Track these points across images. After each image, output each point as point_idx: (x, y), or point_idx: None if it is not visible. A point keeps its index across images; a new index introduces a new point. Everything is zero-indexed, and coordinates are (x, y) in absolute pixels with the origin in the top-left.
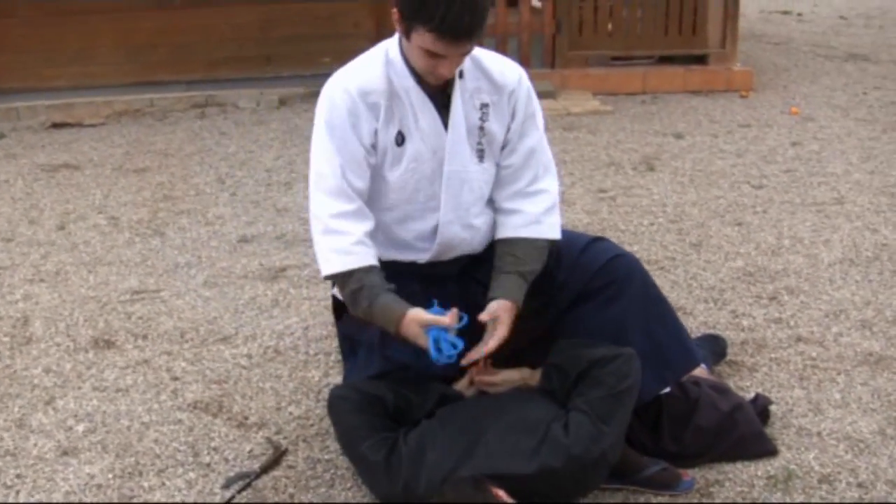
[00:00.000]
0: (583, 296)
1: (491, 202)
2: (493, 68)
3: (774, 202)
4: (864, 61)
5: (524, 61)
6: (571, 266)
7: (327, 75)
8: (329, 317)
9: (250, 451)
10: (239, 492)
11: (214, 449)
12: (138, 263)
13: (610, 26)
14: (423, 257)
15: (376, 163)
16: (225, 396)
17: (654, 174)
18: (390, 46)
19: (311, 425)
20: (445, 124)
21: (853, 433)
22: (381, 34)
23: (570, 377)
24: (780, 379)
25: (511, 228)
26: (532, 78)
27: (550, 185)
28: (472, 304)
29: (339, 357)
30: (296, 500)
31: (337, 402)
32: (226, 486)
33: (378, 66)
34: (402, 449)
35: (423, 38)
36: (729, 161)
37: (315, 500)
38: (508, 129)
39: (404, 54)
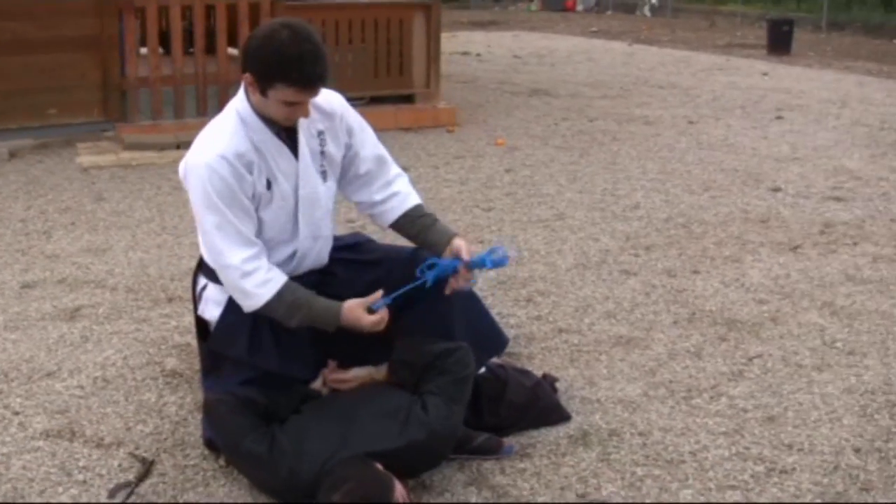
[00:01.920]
0: (415, 297)
1: (359, 205)
2: (318, 100)
3: (505, 221)
4: (546, 95)
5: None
6: (403, 272)
7: (54, 126)
8: (141, 347)
9: (119, 466)
10: (127, 497)
11: (84, 468)
12: None
13: None
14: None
15: (254, 207)
16: (73, 423)
17: None
18: (238, 107)
19: (165, 439)
20: (297, 159)
21: (624, 397)
22: (107, 84)
23: (416, 369)
24: (555, 363)
25: (398, 207)
26: None
27: (399, 168)
28: None
29: (169, 380)
30: (179, 500)
31: (215, 407)
32: (111, 496)
33: (237, 128)
34: (281, 440)
35: (282, 93)
36: (455, 188)
37: (199, 500)
38: (348, 148)
39: (256, 109)
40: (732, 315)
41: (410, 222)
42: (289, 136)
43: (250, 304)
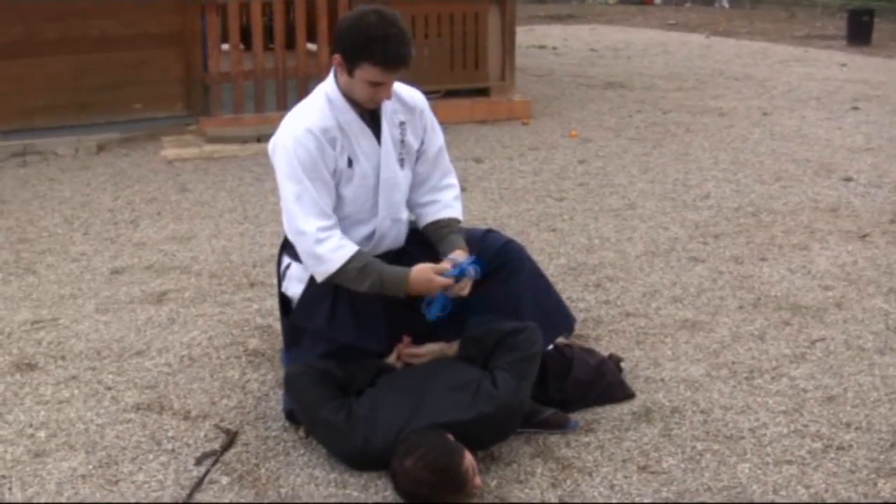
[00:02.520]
0: (486, 275)
1: (409, 202)
2: (402, 93)
3: (577, 210)
4: (621, 88)
5: None
6: (476, 252)
7: (140, 120)
8: (225, 328)
9: (205, 436)
10: (212, 465)
11: (172, 438)
12: (23, 298)
13: None
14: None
15: (334, 184)
16: (161, 398)
17: (467, 194)
18: (327, 89)
19: (248, 412)
20: (379, 143)
21: (687, 377)
22: (190, 79)
23: (486, 346)
24: (621, 344)
25: (433, 214)
26: None
27: (454, 180)
28: None
29: (252, 359)
30: (261, 469)
31: (295, 378)
32: (198, 464)
33: (324, 107)
34: (357, 411)
35: (367, 72)
36: (529, 179)
37: (279, 468)
38: (422, 142)
39: (343, 91)
40: (797, 300)
41: (433, 231)
42: (373, 119)
43: (323, 269)
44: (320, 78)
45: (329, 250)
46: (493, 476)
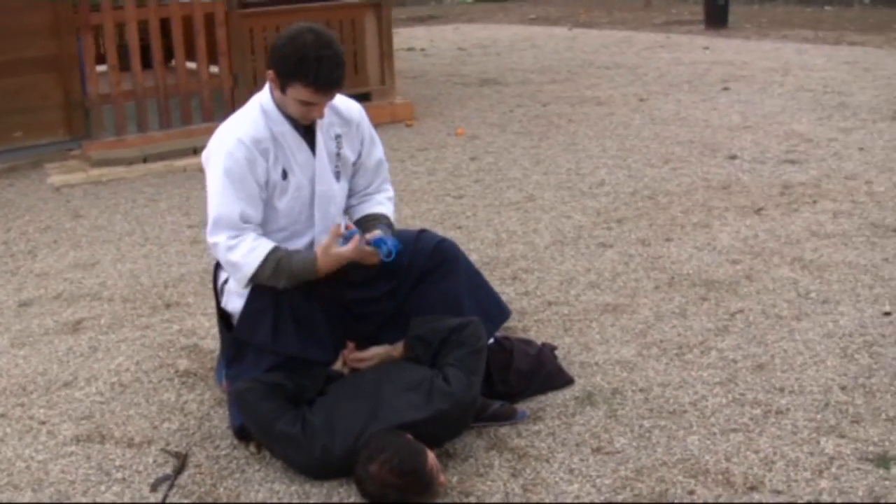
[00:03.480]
0: (423, 275)
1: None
2: (339, 105)
3: (478, 207)
4: (496, 84)
5: (207, 116)
6: (411, 252)
7: (21, 149)
8: (150, 351)
9: (154, 461)
10: (169, 490)
11: (121, 466)
12: None
13: None
14: None
15: (267, 196)
16: (100, 427)
17: None
18: (262, 100)
19: (193, 434)
20: (314, 156)
21: (620, 359)
22: (70, 103)
23: (432, 344)
24: (550, 333)
25: (363, 210)
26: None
27: (390, 188)
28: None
29: (185, 380)
30: (219, 489)
31: (245, 394)
32: (153, 490)
33: (258, 117)
34: (312, 420)
35: (299, 91)
36: (424, 179)
37: (237, 486)
38: (359, 154)
39: (277, 104)
40: (709, 276)
41: (363, 223)
42: (308, 131)
43: (241, 275)
44: (202, 96)
45: (242, 255)
46: (453, 472)
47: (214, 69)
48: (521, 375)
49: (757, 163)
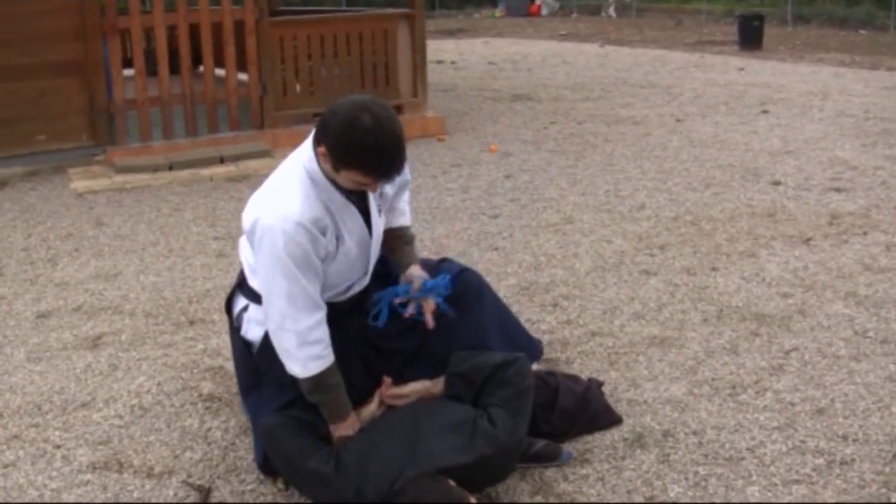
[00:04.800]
0: (445, 312)
1: None
2: None
3: (515, 227)
4: (528, 100)
5: (234, 125)
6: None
7: (44, 153)
8: (172, 372)
9: (175, 495)
10: None
11: (139, 499)
12: None
13: (311, 86)
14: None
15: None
16: (118, 454)
17: None
18: (307, 167)
19: (217, 465)
20: (360, 209)
21: (670, 397)
22: (94, 108)
23: (474, 382)
24: (594, 366)
25: (387, 222)
26: (244, 141)
27: (408, 175)
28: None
29: (208, 405)
30: None
31: (274, 430)
32: None
33: (309, 192)
34: (346, 459)
35: (356, 176)
36: (458, 197)
37: None
38: (397, 183)
39: (326, 174)
40: (759, 310)
41: (387, 239)
42: (357, 194)
43: (296, 370)
44: (229, 104)
45: (308, 357)
46: None
47: (243, 77)
48: (567, 415)
49: (802, 190)
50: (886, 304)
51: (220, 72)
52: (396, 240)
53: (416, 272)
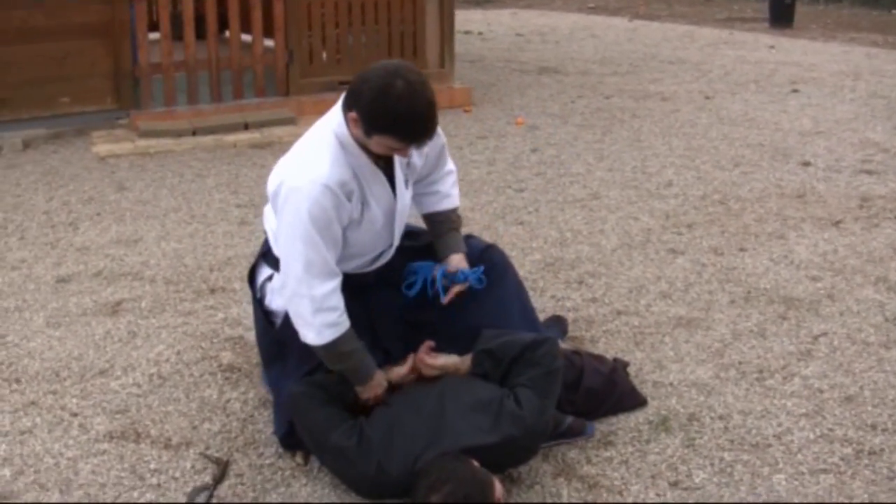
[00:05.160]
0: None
1: None
2: None
3: (541, 202)
4: (556, 73)
5: (259, 92)
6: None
7: (67, 115)
8: (192, 341)
9: (192, 467)
10: (208, 501)
11: (156, 470)
12: None
13: (337, 53)
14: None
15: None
16: (135, 424)
17: None
18: (337, 132)
19: (235, 437)
20: (388, 177)
21: (696, 380)
22: (119, 72)
23: (502, 361)
24: (619, 346)
25: (432, 205)
26: (269, 108)
27: (452, 165)
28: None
29: (228, 376)
30: (262, 502)
31: (301, 399)
32: (190, 500)
33: (338, 155)
34: (370, 434)
35: (389, 141)
36: (483, 169)
37: (282, 500)
38: (426, 156)
39: (355, 139)
40: (788, 293)
41: (432, 223)
42: (380, 159)
43: (311, 337)
44: (255, 71)
45: (324, 324)
46: (517, 501)
47: (269, 43)
48: (592, 396)
49: (832, 171)
50: None
51: (245, 38)
52: (441, 224)
53: (455, 261)
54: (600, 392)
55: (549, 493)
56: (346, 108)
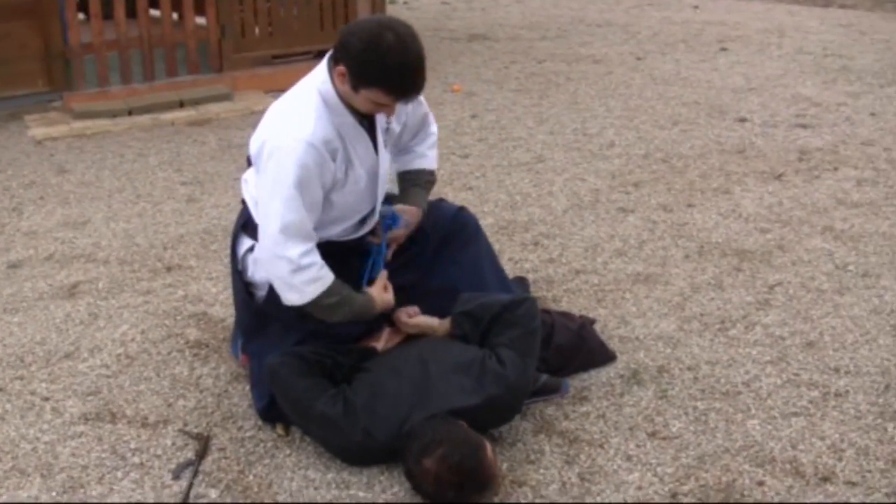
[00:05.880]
0: (444, 240)
1: None
2: None
3: (487, 167)
4: (485, 39)
5: (193, 68)
6: (432, 219)
7: None
8: (155, 319)
9: (173, 444)
10: (194, 477)
11: (137, 449)
12: None
13: (270, 27)
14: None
15: (325, 193)
16: (109, 405)
17: None
18: (321, 90)
19: (212, 413)
20: (370, 137)
21: (661, 333)
22: (49, 53)
23: (481, 322)
24: (581, 304)
25: (406, 162)
26: (204, 84)
27: (433, 128)
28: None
29: (196, 352)
30: (248, 476)
31: (280, 369)
32: (176, 477)
33: (322, 113)
34: (354, 400)
35: (376, 95)
36: None
37: (267, 472)
38: (404, 124)
39: (341, 96)
40: (740, 245)
41: (403, 180)
42: (364, 118)
43: (295, 298)
44: (187, 47)
45: (304, 281)
46: (502, 458)
47: (201, 21)
48: (563, 352)
49: (768, 126)
50: (863, 238)
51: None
52: (409, 182)
53: (403, 212)
54: (571, 348)
55: (532, 450)
56: (334, 62)
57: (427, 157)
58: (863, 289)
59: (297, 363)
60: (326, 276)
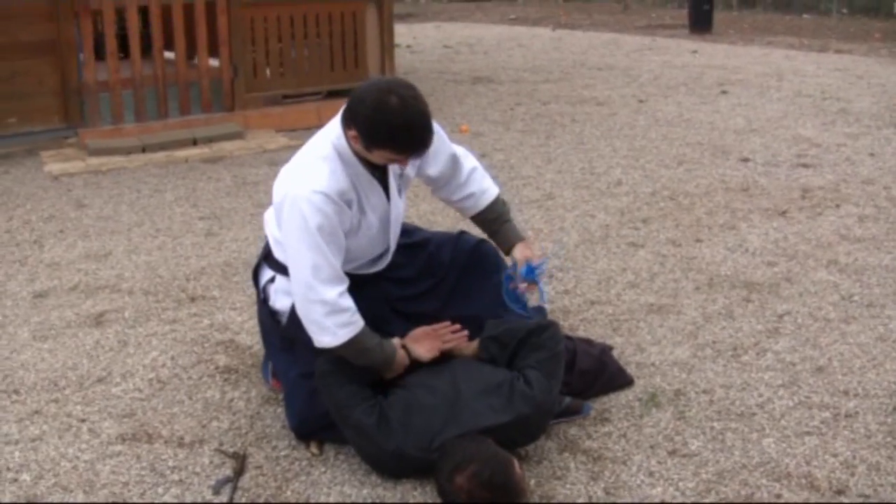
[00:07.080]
0: (465, 271)
1: (445, 200)
2: None
3: None
4: (489, 82)
5: (206, 107)
6: (452, 250)
7: (15, 135)
8: (184, 346)
9: (210, 462)
10: (233, 493)
11: (175, 467)
12: None
13: (281, 67)
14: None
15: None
16: (144, 426)
17: None
18: (336, 144)
19: (246, 433)
20: (382, 186)
21: (676, 360)
22: (66, 89)
23: (508, 345)
24: (598, 332)
25: (475, 207)
26: (216, 122)
27: (472, 161)
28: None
29: (227, 377)
30: (286, 492)
31: (326, 376)
32: (216, 493)
33: (337, 166)
34: (389, 414)
35: (388, 154)
36: None
37: (305, 489)
38: (419, 167)
39: (356, 152)
40: (748, 278)
41: (483, 223)
42: (376, 169)
43: (326, 340)
44: (201, 86)
45: (337, 325)
46: (529, 475)
47: (214, 62)
48: (584, 375)
49: (771, 166)
50: (867, 270)
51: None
52: (492, 222)
53: (520, 253)
54: (593, 372)
55: (558, 467)
56: (346, 126)
57: (488, 191)
58: (868, 318)
59: (342, 370)
60: (358, 322)
